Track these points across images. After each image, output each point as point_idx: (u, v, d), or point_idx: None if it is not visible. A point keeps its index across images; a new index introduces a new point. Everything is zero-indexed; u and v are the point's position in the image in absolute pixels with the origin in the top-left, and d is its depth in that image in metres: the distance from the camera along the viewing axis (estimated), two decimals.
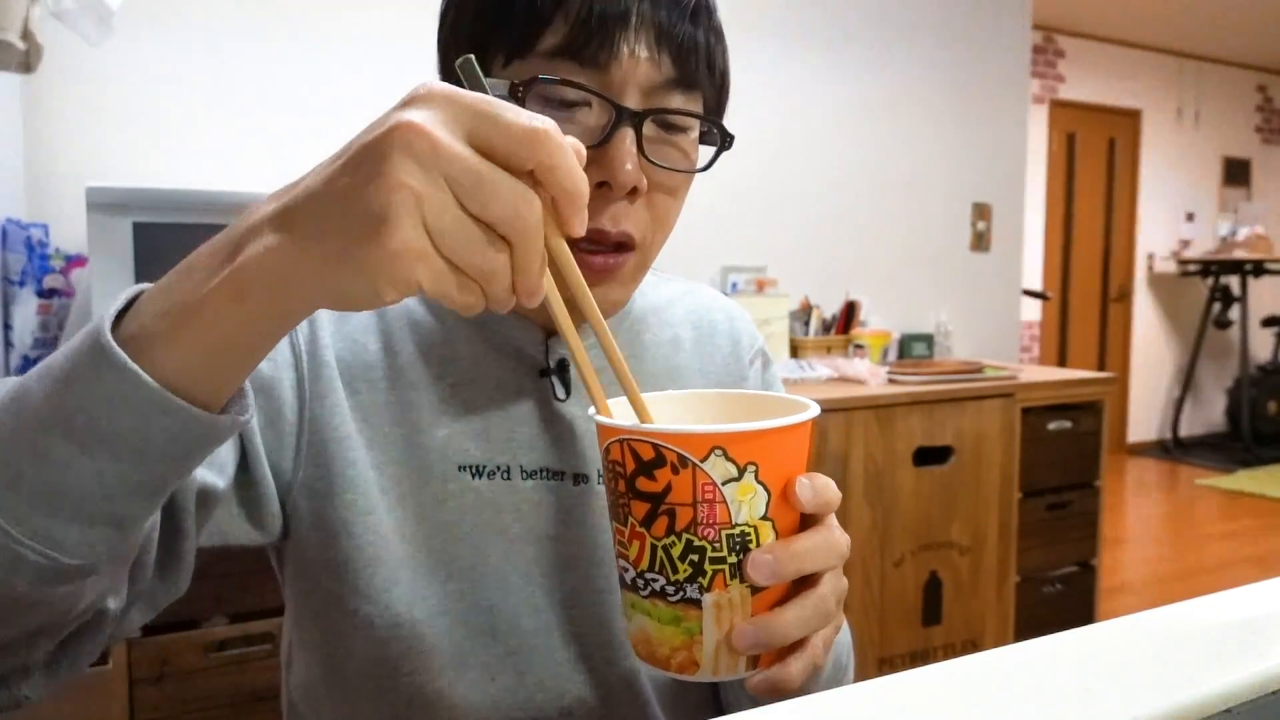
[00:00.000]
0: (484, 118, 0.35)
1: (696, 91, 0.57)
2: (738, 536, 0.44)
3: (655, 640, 0.46)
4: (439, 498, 0.61)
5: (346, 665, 0.62)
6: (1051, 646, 0.43)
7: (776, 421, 0.44)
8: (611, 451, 0.45)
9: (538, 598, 0.63)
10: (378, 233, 0.34)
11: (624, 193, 0.55)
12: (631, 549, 0.45)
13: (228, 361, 0.40)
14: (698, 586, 0.44)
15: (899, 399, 2.26)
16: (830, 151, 2.89)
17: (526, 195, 0.35)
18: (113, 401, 0.38)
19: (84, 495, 0.39)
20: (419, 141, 0.34)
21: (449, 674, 0.61)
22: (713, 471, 0.43)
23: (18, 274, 1.65)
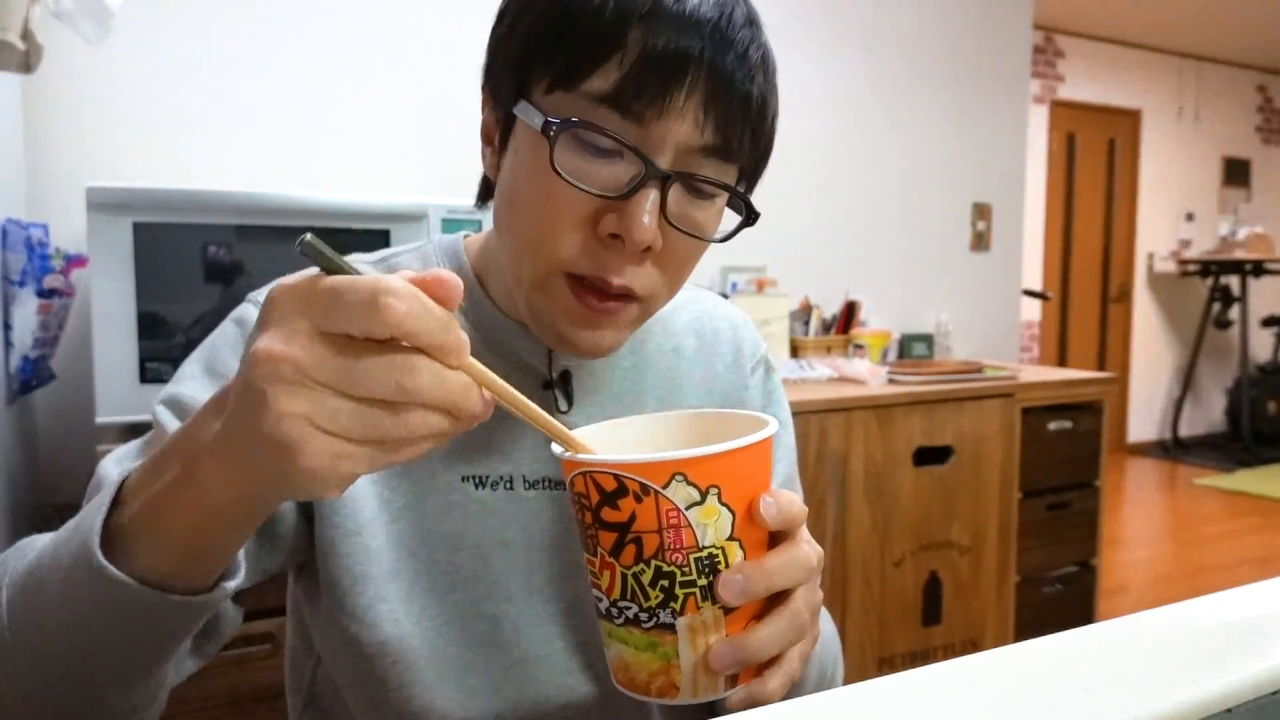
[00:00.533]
0: (328, 309, 0.35)
1: (733, 163, 0.56)
2: (706, 559, 0.44)
3: (633, 667, 0.46)
4: (442, 509, 0.62)
5: (340, 678, 0.63)
6: (1051, 646, 0.43)
7: (735, 443, 0.44)
8: (575, 484, 0.46)
9: (541, 607, 0.63)
10: (292, 460, 0.35)
11: (636, 250, 0.53)
12: (603, 579, 0.46)
13: (208, 559, 0.43)
14: (670, 611, 0.44)
15: (899, 399, 2.26)
16: (830, 151, 2.89)
17: (398, 364, 0.36)
18: (113, 607, 0.42)
19: (113, 668, 0.45)
20: (281, 368, 0.35)
21: (449, 686, 0.61)
22: (675, 497, 0.43)
23: (18, 274, 1.65)
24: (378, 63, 2.19)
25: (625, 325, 0.58)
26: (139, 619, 0.43)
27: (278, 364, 0.35)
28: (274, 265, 1.66)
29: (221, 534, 0.42)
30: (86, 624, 0.43)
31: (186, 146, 2.01)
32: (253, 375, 0.35)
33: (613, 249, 0.54)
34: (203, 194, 1.61)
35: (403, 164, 2.09)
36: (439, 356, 0.36)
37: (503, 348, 0.64)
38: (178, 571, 0.42)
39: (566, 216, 0.54)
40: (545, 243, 0.55)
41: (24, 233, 1.67)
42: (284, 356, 0.35)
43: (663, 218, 0.54)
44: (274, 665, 1.53)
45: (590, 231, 0.54)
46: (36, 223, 1.76)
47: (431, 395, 0.36)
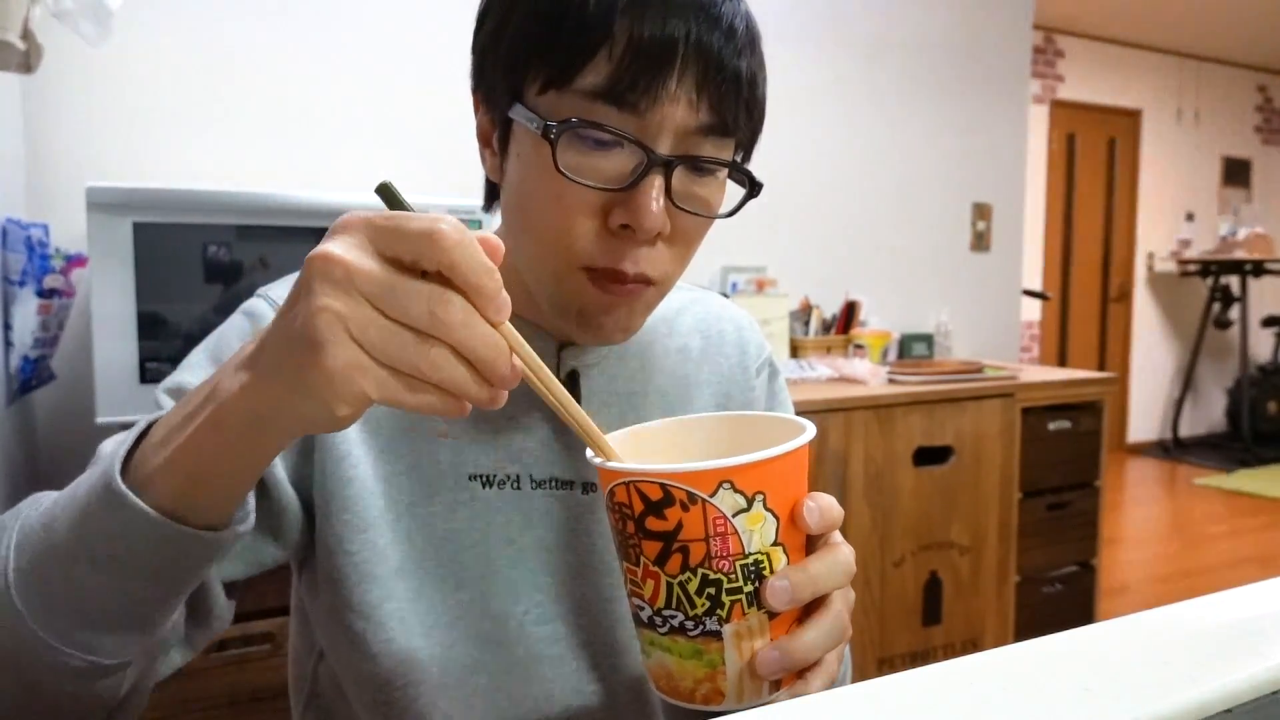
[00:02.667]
0: (388, 233, 0.37)
1: (731, 137, 0.57)
2: (751, 565, 0.44)
3: (677, 675, 0.46)
4: (449, 507, 0.62)
5: (344, 676, 0.63)
6: (1051, 646, 0.43)
7: (780, 449, 0.45)
8: (616, 494, 0.45)
9: (547, 606, 0.63)
10: (314, 356, 0.36)
11: (647, 238, 0.55)
12: (646, 588, 0.45)
13: (220, 486, 0.44)
14: (717, 619, 0.44)
15: (899, 399, 2.26)
16: (830, 151, 2.89)
17: (436, 294, 0.37)
18: (124, 533, 0.43)
19: (112, 610, 0.45)
20: (333, 269, 0.36)
21: (454, 684, 0.61)
22: (722, 505, 0.43)
23: (18, 274, 1.65)
24: (378, 62, 2.19)
25: (643, 308, 0.60)
26: (148, 551, 0.43)
27: (331, 265, 0.36)
28: (274, 265, 1.66)
29: (234, 456, 0.42)
30: (91, 555, 0.43)
31: (186, 146, 2.01)
32: (308, 272, 0.37)
33: (624, 238, 0.55)
34: (203, 194, 1.61)
35: (403, 164, 2.09)
36: (478, 302, 0.38)
37: None
38: (190, 504, 0.43)
39: (578, 214, 0.55)
40: (561, 241, 0.56)
41: (24, 233, 1.67)
42: (338, 260, 0.36)
43: (669, 201, 0.55)
44: (274, 665, 1.53)
45: (601, 224, 0.55)
46: (36, 223, 1.76)
47: (461, 336, 0.37)
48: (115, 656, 0.47)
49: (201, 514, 0.44)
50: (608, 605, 0.64)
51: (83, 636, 0.45)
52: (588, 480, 0.64)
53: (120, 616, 0.45)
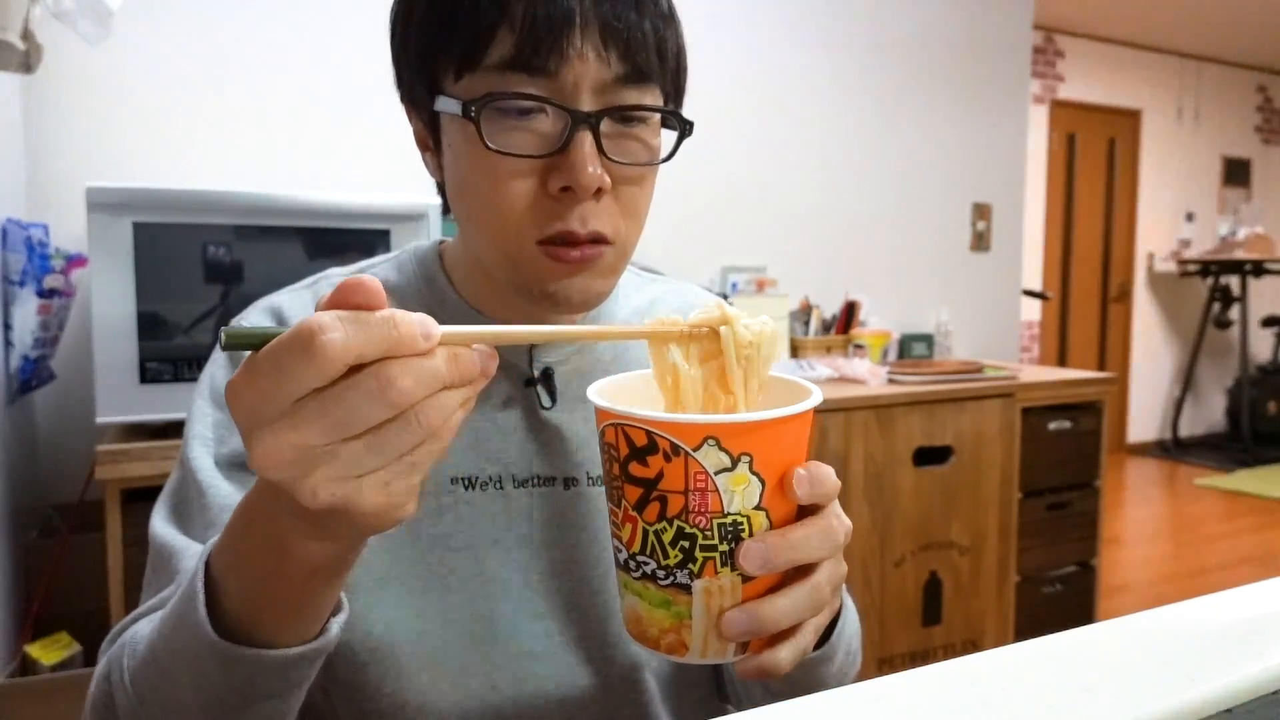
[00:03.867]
0: (279, 384, 0.34)
1: (650, 83, 0.57)
2: (729, 525, 0.43)
3: (646, 621, 0.46)
4: (434, 512, 0.62)
5: (333, 688, 0.62)
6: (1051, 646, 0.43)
7: (772, 413, 0.43)
8: (606, 434, 0.45)
9: (537, 603, 0.63)
10: (350, 514, 0.37)
11: (588, 195, 0.55)
12: (625, 531, 0.45)
13: (317, 604, 0.45)
14: (688, 572, 0.44)
15: (899, 399, 2.26)
16: (830, 151, 2.89)
17: (372, 385, 0.35)
18: (251, 679, 0.45)
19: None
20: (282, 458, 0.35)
21: (445, 686, 0.61)
22: (705, 461, 0.42)
23: (18, 274, 1.65)
24: (378, 62, 2.18)
25: (605, 271, 0.59)
26: (274, 680, 0.46)
27: (279, 458, 0.35)
28: (274, 265, 1.66)
29: (325, 585, 0.44)
30: (222, 702, 0.46)
31: (186, 146, 2.01)
32: (268, 479, 0.36)
33: (567, 201, 0.55)
34: (203, 194, 1.61)
35: (403, 164, 2.09)
36: (405, 353, 0.35)
37: None
38: (294, 631, 0.45)
39: (515, 187, 0.56)
40: (507, 218, 0.56)
41: (24, 233, 1.67)
42: (276, 450, 0.35)
43: (603, 157, 0.55)
44: None
45: (542, 193, 0.56)
46: (36, 223, 1.76)
47: (424, 390, 0.36)
48: None
49: (303, 634, 0.46)
50: (596, 598, 0.64)
51: None
52: (569, 475, 0.65)
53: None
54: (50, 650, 1.60)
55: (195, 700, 0.46)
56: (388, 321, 0.35)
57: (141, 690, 0.48)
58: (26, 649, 1.60)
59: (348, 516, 0.37)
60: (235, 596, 0.44)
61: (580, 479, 0.65)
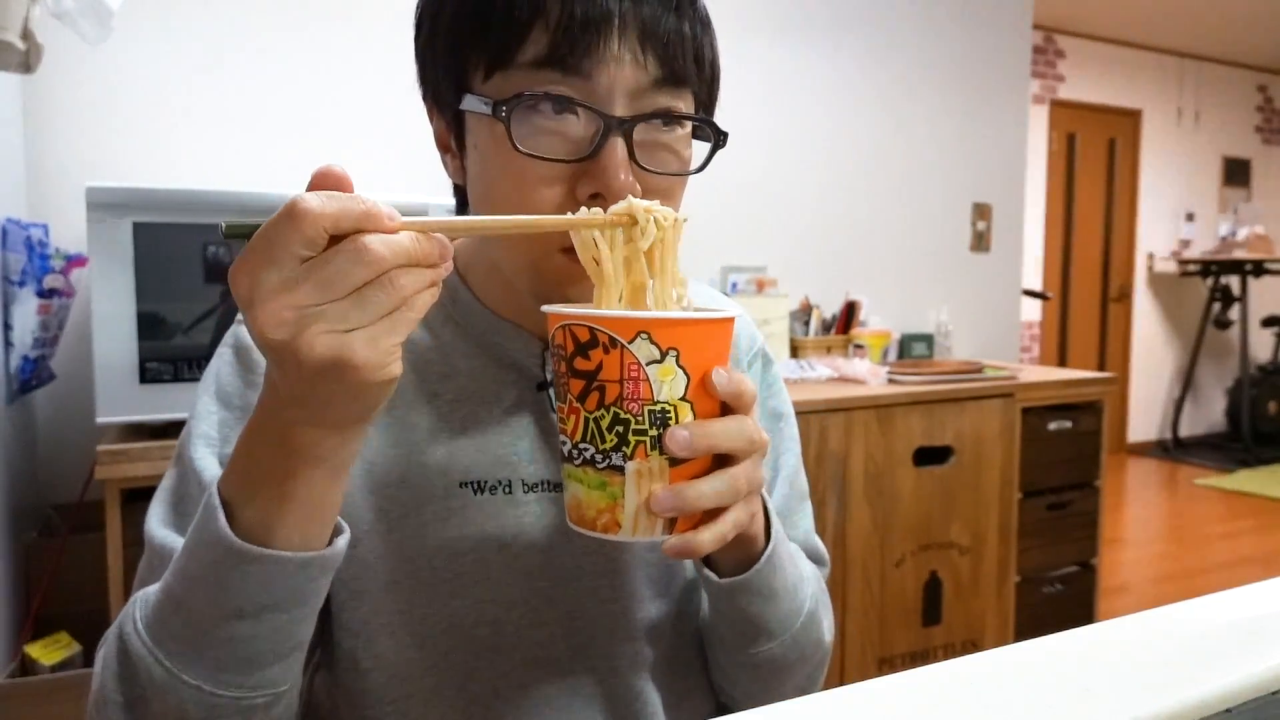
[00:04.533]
0: (270, 254, 0.40)
1: (685, 89, 0.56)
2: (659, 412, 0.48)
3: (585, 505, 0.50)
4: (441, 516, 0.61)
5: (337, 694, 0.62)
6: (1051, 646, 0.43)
7: (695, 313, 0.50)
8: (556, 337, 0.50)
9: (541, 610, 0.63)
10: (344, 363, 0.40)
11: (616, 201, 0.53)
12: (569, 423, 0.50)
13: (323, 502, 0.48)
14: (622, 455, 0.48)
15: (899, 399, 2.26)
16: (830, 151, 2.89)
17: (350, 250, 0.40)
18: (266, 582, 0.47)
19: (275, 644, 0.49)
20: (281, 318, 0.40)
21: (448, 693, 0.60)
22: (638, 352, 0.48)
23: (18, 274, 1.65)
24: (378, 62, 2.19)
25: None
26: (292, 586, 0.47)
27: (278, 318, 0.39)
28: None
29: (330, 480, 0.47)
30: (241, 611, 0.47)
31: (186, 146, 2.01)
32: (268, 341, 0.40)
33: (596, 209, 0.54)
34: (203, 194, 1.61)
35: (403, 164, 2.09)
36: (373, 225, 0.40)
37: (495, 350, 0.64)
38: (304, 535, 0.47)
39: (544, 193, 0.54)
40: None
41: (24, 233, 1.67)
42: (275, 310, 0.39)
43: (635, 164, 0.54)
44: None
45: (570, 199, 0.54)
46: (36, 223, 1.76)
47: (394, 256, 0.40)
48: (287, 679, 0.51)
49: (310, 540, 0.48)
50: (604, 608, 0.64)
51: (260, 676, 0.49)
52: None
53: (282, 646, 0.49)
54: (50, 650, 1.60)
55: (210, 616, 0.47)
56: (356, 198, 0.40)
57: (155, 631, 0.49)
58: (26, 649, 1.60)
59: (341, 371, 0.40)
60: (246, 510, 0.47)
61: None
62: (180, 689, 0.48)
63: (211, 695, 0.48)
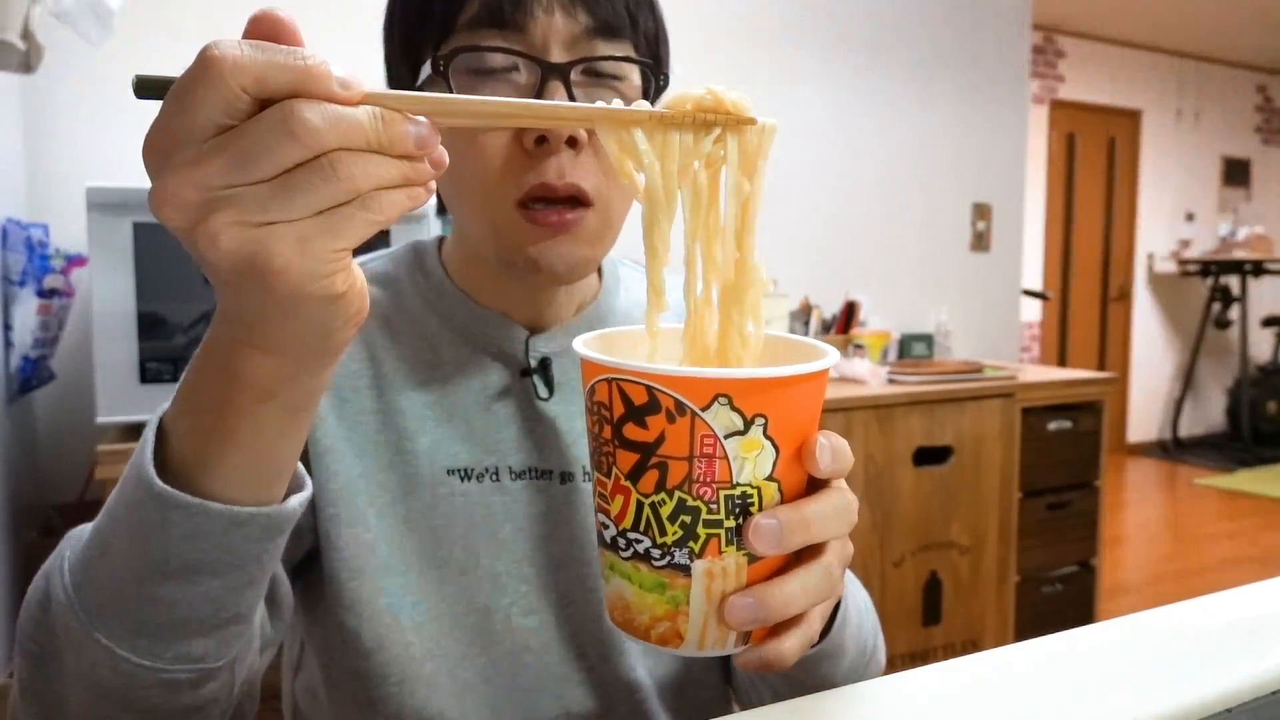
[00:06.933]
0: (179, 115, 0.31)
1: (622, 39, 0.58)
2: (738, 498, 0.39)
3: (635, 608, 0.41)
4: (429, 503, 0.61)
5: (339, 676, 0.62)
6: (1051, 646, 0.43)
7: (794, 369, 0.38)
8: (597, 391, 0.40)
9: (531, 598, 0.63)
10: (260, 269, 0.33)
11: (560, 143, 0.55)
12: (614, 504, 0.40)
13: (270, 461, 0.41)
14: (688, 552, 0.39)
15: (899, 399, 2.26)
16: (830, 151, 2.89)
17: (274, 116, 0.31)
18: (192, 536, 0.40)
19: (202, 614, 0.42)
20: (185, 201, 0.32)
21: (442, 681, 0.60)
22: (714, 422, 0.37)
23: (18, 274, 1.65)
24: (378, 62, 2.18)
25: (589, 238, 0.59)
26: (216, 544, 0.41)
27: (179, 197, 0.31)
28: None
29: (281, 420, 0.40)
30: (164, 570, 0.41)
31: None
32: (167, 224, 0.32)
33: (543, 153, 0.55)
34: None
35: None
36: (314, 89, 0.32)
37: (480, 339, 0.64)
38: (245, 485, 0.41)
39: (493, 146, 0.56)
40: (486, 178, 0.57)
41: (24, 233, 1.67)
42: (178, 187, 0.31)
43: None
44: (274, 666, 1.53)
45: (517, 148, 0.56)
46: (36, 223, 1.76)
47: (336, 134, 0.32)
48: (219, 657, 0.45)
49: (256, 492, 0.42)
50: (592, 594, 0.64)
51: (182, 648, 0.43)
52: (565, 470, 0.64)
53: (211, 617, 0.43)
54: None
55: (132, 569, 0.41)
56: (293, 52, 0.32)
57: (78, 575, 0.43)
58: None
59: (260, 276, 0.32)
60: (180, 445, 0.41)
61: (576, 474, 0.64)
62: (93, 648, 0.42)
63: (125, 661, 0.42)
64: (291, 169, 0.31)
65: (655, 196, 0.40)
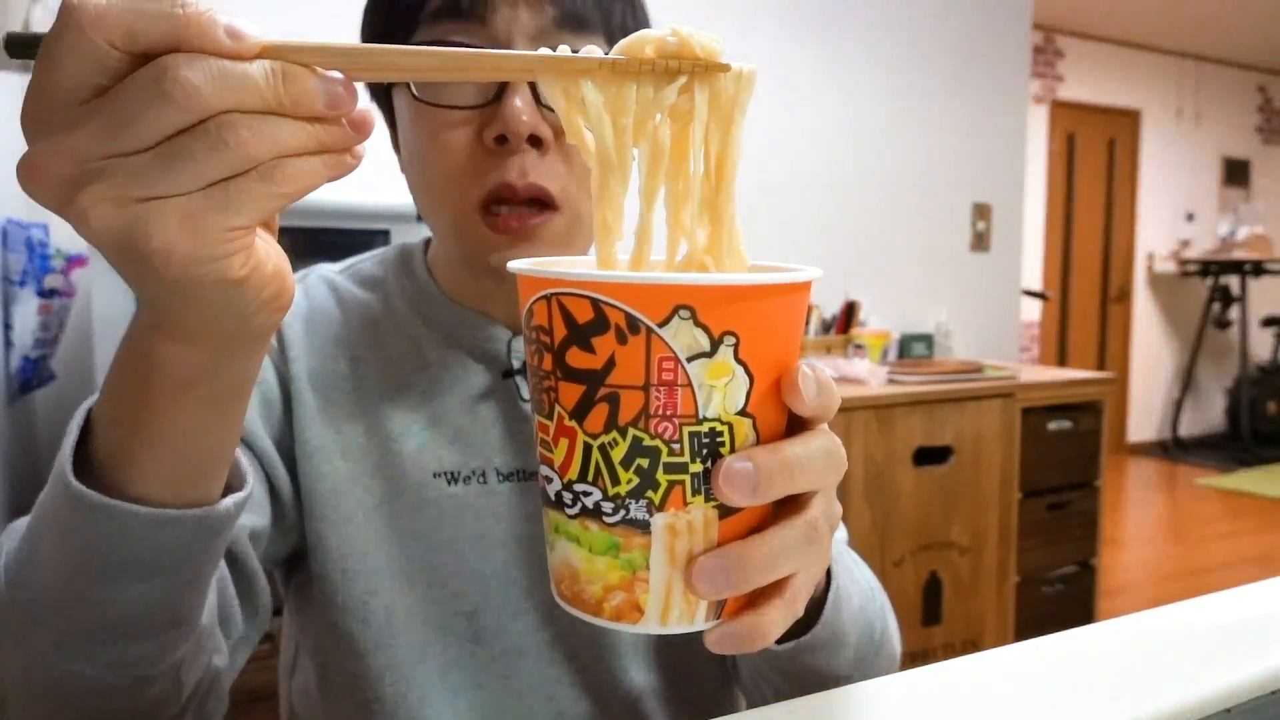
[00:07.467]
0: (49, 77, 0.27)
1: (592, 33, 0.56)
2: (705, 435, 0.32)
3: (584, 576, 0.34)
4: (415, 506, 0.61)
5: (335, 678, 0.62)
6: (1051, 646, 0.43)
7: (769, 276, 0.33)
8: (535, 314, 0.33)
9: (520, 601, 0.62)
10: (139, 249, 0.29)
11: (521, 141, 0.53)
12: (558, 451, 0.33)
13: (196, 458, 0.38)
14: (646, 504, 0.32)
15: (899, 399, 2.26)
16: (830, 151, 2.89)
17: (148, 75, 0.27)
18: (114, 539, 0.37)
19: (136, 617, 0.40)
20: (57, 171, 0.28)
21: (435, 684, 0.60)
22: (674, 342, 0.31)
23: (18, 274, 1.65)
24: None
25: (554, 242, 0.57)
26: (140, 548, 0.37)
27: (49, 169, 0.27)
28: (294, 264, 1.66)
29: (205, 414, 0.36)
30: (88, 570, 0.38)
31: None
32: (36, 198, 0.29)
33: (504, 152, 0.53)
34: None
35: None
36: (196, 42, 0.27)
37: (463, 339, 0.64)
38: (172, 483, 0.37)
39: (454, 143, 0.55)
40: (445, 176, 0.55)
41: (24, 233, 1.67)
42: (45, 158, 0.27)
43: (542, 108, 0.54)
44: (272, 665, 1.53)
45: (478, 146, 0.55)
46: (36, 223, 1.76)
47: (223, 94, 0.27)
48: (159, 662, 0.42)
49: (193, 487, 0.38)
50: None
51: (116, 652, 0.40)
52: None
53: (146, 621, 0.40)
54: None
55: (58, 569, 0.38)
56: (174, 3, 0.27)
57: (12, 569, 0.41)
58: None
59: (144, 258, 0.28)
60: (103, 438, 0.37)
61: None
62: (25, 648, 0.39)
63: (56, 664, 0.39)
64: (173, 136, 0.27)
65: (606, 157, 0.34)
